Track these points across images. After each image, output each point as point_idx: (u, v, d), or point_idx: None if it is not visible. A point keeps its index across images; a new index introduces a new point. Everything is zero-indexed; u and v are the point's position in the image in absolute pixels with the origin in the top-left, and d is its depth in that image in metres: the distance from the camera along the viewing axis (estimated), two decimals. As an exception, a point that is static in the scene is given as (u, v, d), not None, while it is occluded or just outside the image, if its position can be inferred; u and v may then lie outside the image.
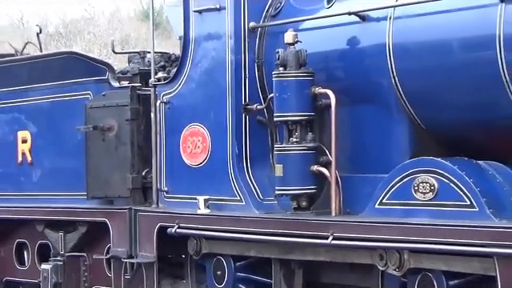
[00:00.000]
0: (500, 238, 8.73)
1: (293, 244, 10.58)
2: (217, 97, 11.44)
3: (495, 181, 9.28)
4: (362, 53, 10.41)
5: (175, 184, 11.88)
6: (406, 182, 9.64)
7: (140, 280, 12.08)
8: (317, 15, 10.92)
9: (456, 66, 9.58)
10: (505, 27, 9.12)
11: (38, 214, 13.68)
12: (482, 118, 9.60)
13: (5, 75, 14.45)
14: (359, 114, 10.43)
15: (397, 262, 9.61)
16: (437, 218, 9.30)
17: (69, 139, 13.03)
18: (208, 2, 11.53)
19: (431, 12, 9.76)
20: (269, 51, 11.09)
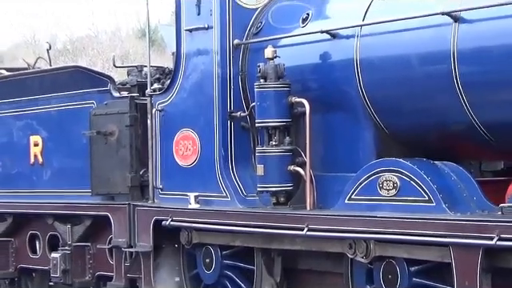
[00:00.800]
0: (454, 229, 8.81)
1: (273, 235, 10.61)
2: (205, 105, 11.45)
3: (450, 179, 9.32)
4: (333, 66, 10.44)
5: (169, 182, 11.89)
6: (372, 180, 9.69)
7: (138, 267, 12.10)
8: (293, 33, 10.95)
9: (415, 77, 9.64)
10: (458, 43, 9.19)
11: (49, 209, 13.67)
12: (438, 123, 9.66)
13: (19, 86, 14.45)
14: (331, 120, 10.46)
15: (364, 250, 9.66)
16: (399, 212, 9.36)
17: (75, 143, 13.03)
18: (197, 22, 11.55)
19: (393, 30, 9.82)
20: (251, 65, 11.10)
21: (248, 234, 10.94)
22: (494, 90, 9.07)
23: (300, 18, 11.01)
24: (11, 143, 14.37)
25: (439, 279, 9.21)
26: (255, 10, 11.51)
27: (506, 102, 9.03)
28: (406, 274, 9.46)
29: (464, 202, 9.15)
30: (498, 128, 9.27)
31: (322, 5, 10.95)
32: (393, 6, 10.01)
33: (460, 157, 9.66)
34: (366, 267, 9.88)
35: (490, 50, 9.00)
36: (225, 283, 11.52)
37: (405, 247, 9.38)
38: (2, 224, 14.64)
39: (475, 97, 9.19)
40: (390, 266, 9.61)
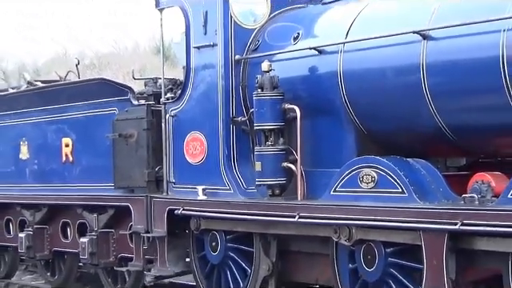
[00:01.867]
0: (424, 216, 8.83)
1: (269, 222, 10.59)
2: (211, 111, 11.43)
3: (420, 173, 9.31)
4: (320, 78, 10.43)
5: (180, 177, 11.87)
6: (354, 174, 9.68)
7: (154, 249, 12.08)
8: (286, 50, 10.93)
9: (390, 87, 9.64)
10: (426, 58, 9.21)
11: (78, 201, 13.65)
12: (410, 126, 9.66)
13: (52, 96, 14.44)
14: (318, 123, 10.45)
15: (347, 235, 9.65)
16: (377, 202, 9.35)
17: (100, 144, 13.01)
18: (204, 40, 11.54)
19: (371, 47, 9.81)
20: (250, 77, 11.09)
21: (248, 221, 10.92)
22: (457, 97, 9.08)
23: (292, 37, 10.99)
24: (46, 145, 14.35)
25: (411, 259, 9.21)
26: (253, 29, 11.49)
27: (467, 107, 9.06)
28: (383, 255, 9.48)
29: (432, 193, 9.15)
30: (461, 129, 9.28)
31: (310, 25, 10.94)
32: (371, 26, 9.99)
33: (428, 154, 9.65)
34: (349, 249, 9.87)
35: (454, 64, 9.01)
36: (228, 263, 11.51)
37: (382, 232, 9.39)
38: (39, 213, 14.62)
39: (441, 103, 9.20)
40: (370, 248, 9.62)
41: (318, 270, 10.64)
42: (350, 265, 9.96)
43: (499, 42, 8.51)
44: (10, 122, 15.28)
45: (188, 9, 11.81)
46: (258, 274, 11.09)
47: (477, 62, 8.76)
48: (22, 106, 15.08)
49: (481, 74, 8.71)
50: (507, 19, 8.43)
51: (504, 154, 9.70)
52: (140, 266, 12.51)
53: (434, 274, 8.79)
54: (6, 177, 15.36)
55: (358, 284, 9.92)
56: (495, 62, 8.53)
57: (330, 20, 10.82)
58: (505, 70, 8.46)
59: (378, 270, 9.57)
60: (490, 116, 8.89)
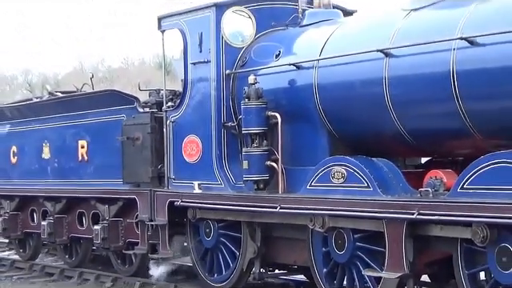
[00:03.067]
0: (386, 207, 8.86)
1: (255, 212, 10.58)
2: (205, 118, 11.39)
3: (383, 170, 9.30)
4: (298, 89, 10.41)
5: (179, 174, 11.83)
6: (326, 171, 9.66)
7: (157, 235, 12.03)
8: (269, 65, 10.90)
9: (357, 97, 9.65)
10: (388, 72, 9.22)
11: (92, 194, 13.61)
12: (374, 130, 9.65)
13: (70, 105, 14.41)
14: (296, 128, 10.42)
15: (321, 223, 9.64)
16: (346, 195, 9.35)
17: (111, 145, 12.96)
18: (199, 57, 11.51)
19: (342, 63, 9.84)
20: (238, 89, 11.05)
21: (237, 212, 10.88)
22: (414, 106, 9.10)
23: (274, 55, 10.97)
24: (64, 146, 14.31)
25: (376, 243, 9.22)
26: (241, 48, 11.46)
27: (422, 114, 9.08)
28: (352, 240, 9.49)
29: (393, 188, 9.14)
30: (417, 133, 9.29)
31: (290, 45, 10.92)
32: (341, 45, 9.99)
33: (390, 154, 9.63)
34: (322, 235, 9.86)
35: (411, 77, 9.03)
36: (220, 247, 11.49)
37: (350, 220, 9.40)
38: (59, 205, 14.57)
39: (401, 111, 9.20)
40: (340, 234, 9.62)
41: (296, 253, 10.61)
42: (323, 248, 9.94)
43: (449, 58, 8.54)
44: (34, 126, 15.23)
45: (186, 30, 11.78)
46: (245, 256, 11.07)
47: (430, 75, 8.78)
48: (44, 113, 15.03)
49: (434, 86, 8.73)
50: (456, 40, 8.48)
51: (454, 154, 9.71)
52: (145, 250, 12.46)
53: (394, 257, 8.81)
54: (30, 173, 15.31)
55: (329, 265, 9.92)
56: (446, 76, 8.55)
57: (306, 40, 10.81)
58: (454, 83, 8.48)
59: (347, 252, 9.57)
60: (442, 122, 8.89)
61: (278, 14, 11.63)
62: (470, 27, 8.46)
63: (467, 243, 8.27)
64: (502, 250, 7.92)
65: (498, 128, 8.30)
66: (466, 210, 8.00)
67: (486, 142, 8.50)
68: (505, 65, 8.02)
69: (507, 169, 7.70)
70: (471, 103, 8.46)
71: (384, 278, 9.01)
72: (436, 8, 9.24)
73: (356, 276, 9.58)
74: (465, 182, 8.14)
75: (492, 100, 8.26)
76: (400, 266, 8.76)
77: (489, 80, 8.21)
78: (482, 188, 7.94)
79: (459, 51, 8.47)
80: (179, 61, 12.44)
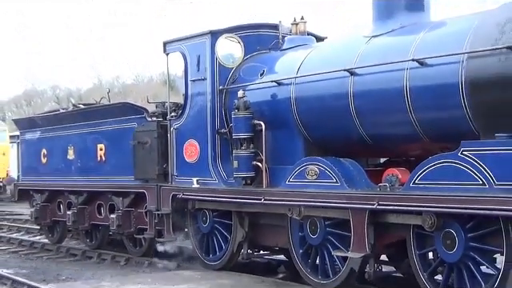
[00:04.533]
0: (351, 199, 8.89)
1: (243, 203, 10.61)
2: (202, 125, 11.38)
3: (349, 169, 9.31)
4: (278, 101, 10.41)
5: (180, 171, 11.79)
6: (302, 169, 9.68)
7: (162, 222, 11.99)
8: (255, 82, 10.90)
9: (327, 107, 9.65)
10: (353, 88, 9.25)
11: (109, 188, 13.57)
12: (342, 135, 9.66)
13: (90, 115, 14.38)
14: (277, 134, 10.41)
15: (298, 212, 9.66)
16: (318, 189, 9.37)
17: (124, 148, 12.92)
18: (197, 75, 11.49)
19: (315, 80, 9.86)
20: (230, 101, 11.01)
21: (228, 203, 10.90)
22: (374, 115, 9.12)
23: (259, 73, 10.97)
24: (86, 149, 14.26)
25: (343, 229, 9.22)
26: (232, 68, 11.43)
27: (381, 122, 9.09)
28: (323, 226, 9.52)
29: (357, 183, 9.17)
30: (377, 138, 9.30)
31: (272, 65, 10.91)
32: (315, 65, 9.99)
33: (355, 155, 9.63)
34: (299, 222, 9.87)
35: (372, 92, 9.05)
36: (214, 232, 11.48)
37: (322, 210, 9.43)
38: (81, 197, 14.53)
39: (363, 119, 9.23)
40: (313, 221, 9.64)
41: (277, 237, 10.58)
42: (300, 233, 9.96)
43: (403, 76, 8.58)
44: (61, 133, 15.18)
45: (186, 53, 11.76)
46: (235, 239, 11.07)
47: (388, 90, 8.81)
48: (69, 122, 14.99)
49: (390, 98, 8.76)
50: (408, 61, 8.51)
51: (407, 155, 9.71)
52: (152, 234, 12.42)
53: (358, 240, 8.84)
54: (58, 171, 15.26)
55: (305, 247, 9.94)
56: (400, 91, 8.59)
57: (285, 61, 10.80)
58: (407, 96, 8.53)
59: (319, 237, 9.59)
60: (397, 128, 8.92)
61: (263, 40, 11.63)
62: (420, 51, 8.51)
63: (418, 229, 8.31)
64: (447, 234, 7.97)
65: (443, 133, 8.34)
66: (417, 202, 8.04)
67: (433, 145, 8.53)
68: (446, 82, 8.09)
69: (450, 167, 7.74)
70: (421, 113, 8.49)
71: (350, 257, 9.04)
72: (392, 35, 9.27)
73: (327, 256, 9.60)
74: (416, 178, 8.16)
75: (437, 110, 8.29)
76: (363, 247, 8.79)
77: (434, 94, 8.25)
78: (430, 183, 7.97)
79: (411, 70, 8.52)
80: (181, 78, 12.43)
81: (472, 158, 7.54)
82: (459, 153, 7.67)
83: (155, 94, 19.21)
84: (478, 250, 7.78)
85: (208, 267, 11.57)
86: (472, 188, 7.51)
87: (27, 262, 14.53)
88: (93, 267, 13.24)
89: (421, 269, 8.41)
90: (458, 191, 7.62)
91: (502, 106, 7.54)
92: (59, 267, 13.42)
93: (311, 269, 9.90)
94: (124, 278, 11.19)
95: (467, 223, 7.78)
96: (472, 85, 7.80)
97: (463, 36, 8.04)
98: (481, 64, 7.73)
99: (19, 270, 12.97)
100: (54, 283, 11.07)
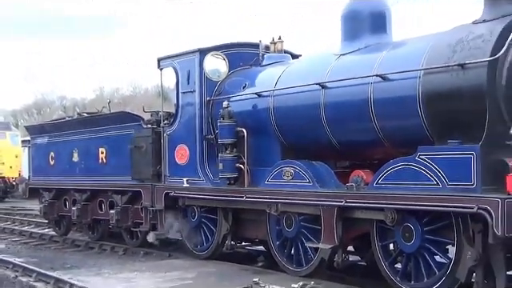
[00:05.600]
0: (322, 197, 8.88)
1: (227, 200, 10.57)
2: (191, 132, 11.31)
3: (320, 170, 9.31)
4: (259, 111, 10.36)
5: (172, 172, 11.71)
6: (279, 171, 9.66)
7: (156, 217, 11.92)
8: (238, 94, 10.84)
9: (301, 116, 9.62)
10: (324, 99, 9.25)
11: (109, 187, 13.47)
12: (314, 140, 9.62)
13: (93, 122, 14.30)
14: (258, 139, 10.35)
15: (275, 208, 9.65)
16: (293, 188, 9.36)
17: (123, 151, 12.83)
18: (187, 88, 11.43)
19: (291, 92, 9.85)
20: (216, 111, 10.94)
21: (214, 200, 10.86)
22: (342, 123, 9.11)
23: (241, 86, 10.92)
24: (89, 152, 14.15)
25: (315, 223, 9.21)
26: (218, 81, 11.36)
27: (348, 129, 9.08)
28: (297, 221, 9.51)
29: (327, 183, 9.16)
30: (345, 143, 9.29)
31: (253, 79, 10.87)
32: (291, 79, 9.97)
33: (325, 158, 9.59)
34: (276, 217, 9.85)
35: (340, 103, 9.05)
36: (202, 226, 11.43)
37: (297, 207, 9.40)
38: (84, 195, 14.40)
39: (333, 127, 9.22)
40: (289, 216, 9.63)
41: (257, 230, 10.53)
42: (277, 227, 9.93)
43: (368, 89, 8.58)
44: (67, 138, 15.08)
45: (177, 69, 11.71)
46: (220, 232, 11.02)
47: (354, 101, 8.80)
48: (74, 128, 14.90)
49: (356, 109, 8.75)
50: (373, 76, 8.51)
51: (371, 158, 9.68)
52: (147, 228, 12.35)
53: (328, 233, 8.82)
54: (64, 172, 15.14)
55: (281, 239, 9.92)
56: (365, 102, 8.59)
57: (265, 76, 10.75)
58: (371, 107, 8.54)
59: (294, 230, 9.58)
60: (362, 135, 8.90)
61: (245, 57, 11.59)
62: (382, 67, 8.52)
63: (380, 223, 8.31)
64: (405, 228, 7.98)
65: (402, 139, 8.34)
66: (380, 199, 8.04)
67: (394, 150, 8.52)
68: (405, 94, 8.10)
69: (408, 169, 7.76)
70: (383, 121, 8.49)
71: (321, 248, 9.02)
72: (358, 53, 9.27)
73: (300, 247, 9.58)
74: (379, 179, 8.16)
75: (398, 119, 8.30)
76: (332, 239, 8.78)
77: (395, 105, 8.27)
78: (391, 183, 7.98)
79: (375, 84, 8.52)
80: (173, 90, 12.39)
81: (427, 162, 7.56)
82: (416, 157, 7.68)
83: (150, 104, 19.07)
84: (432, 241, 7.80)
85: (196, 257, 11.49)
86: (427, 187, 7.52)
87: (37, 251, 14.50)
88: (94, 257, 13.15)
89: (383, 258, 8.41)
90: (415, 190, 7.63)
91: (453, 115, 7.57)
92: (65, 256, 13.35)
93: (287, 258, 9.86)
94: (122, 267, 11.12)
95: (423, 218, 7.80)
96: (427, 97, 7.82)
97: (420, 54, 8.06)
98: (435, 79, 7.75)
99: (30, 259, 12.90)
100: (61, 271, 10.98)
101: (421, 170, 7.61)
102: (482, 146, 7.11)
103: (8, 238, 17.27)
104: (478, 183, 7.07)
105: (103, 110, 15.50)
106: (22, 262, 12.16)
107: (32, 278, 10.60)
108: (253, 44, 11.75)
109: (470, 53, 7.43)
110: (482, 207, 6.80)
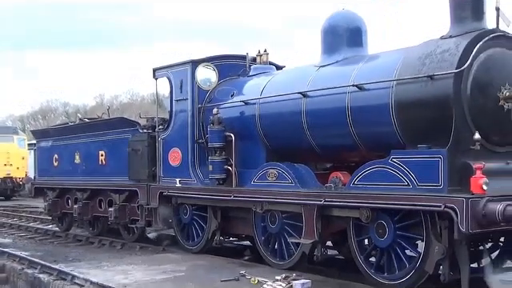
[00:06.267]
0: (303, 196, 8.88)
1: (216, 199, 10.52)
2: (184, 136, 11.27)
3: (302, 172, 9.30)
4: (246, 117, 10.32)
5: (166, 173, 11.65)
6: (264, 172, 9.64)
7: (151, 214, 11.87)
8: (227, 102, 10.81)
9: (285, 122, 9.60)
10: (305, 107, 9.24)
11: (108, 186, 13.39)
12: (295, 145, 9.60)
13: (94, 127, 14.23)
14: (244, 143, 10.30)
15: (260, 206, 9.64)
16: (277, 188, 9.32)
17: (121, 154, 12.76)
18: (180, 96, 11.39)
19: (275, 100, 9.84)
20: (206, 117, 10.90)
21: (204, 199, 10.81)
22: (322, 129, 9.09)
23: (230, 95, 10.90)
24: (90, 154, 14.05)
25: (297, 220, 9.18)
26: (209, 90, 11.33)
27: (327, 134, 9.07)
28: (281, 218, 9.50)
29: (308, 183, 9.15)
30: (324, 147, 9.29)
31: (241, 88, 10.85)
32: (275, 88, 9.96)
33: (306, 161, 9.58)
34: (261, 215, 9.83)
35: (320, 110, 9.04)
36: (193, 222, 11.38)
37: (280, 205, 9.39)
38: (85, 194, 14.31)
39: (313, 132, 9.21)
40: (273, 214, 9.62)
41: (244, 226, 10.50)
42: (262, 223, 9.91)
43: (345, 98, 8.59)
44: (70, 141, 14.98)
45: (171, 78, 11.65)
46: (210, 228, 10.98)
47: (333, 109, 8.80)
48: (76, 132, 14.81)
49: (335, 116, 8.75)
50: (350, 86, 8.53)
51: (348, 161, 9.69)
52: (143, 224, 12.30)
53: (309, 229, 8.82)
54: (66, 173, 15.03)
55: (266, 234, 9.90)
56: (343, 110, 8.59)
57: (251, 85, 10.73)
58: (348, 114, 8.54)
59: (277, 226, 9.57)
60: (340, 140, 8.88)
61: (233, 68, 11.56)
62: (358, 78, 8.53)
63: (356, 220, 8.30)
64: (379, 225, 7.99)
65: (376, 144, 8.34)
66: (356, 199, 8.04)
67: (369, 153, 8.52)
68: (379, 103, 8.10)
69: (382, 171, 7.77)
70: (359, 127, 8.50)
71: (302, 243, 9.01)
72: (336, 65, 9.28)
73: (283, 242, 9.56)
74: (355, 180, 8.16)
75: (372, 126, 8.31)
76: (312, 235, 8.77)
77: (370, 112, 8.27)
78: (367, 184, 7.98)
79: (352, 93, 8.52)
80: (167, 98, 12.34)
81: (399, 164, 7.57)
82: (389, 160, 7.69)
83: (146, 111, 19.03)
84: (403, 237, 7.81)
85: (188, 251, 11.44)
86: (399, 188, 7.53)
87: (41, 246, 14.40)
88: (94, 250, 13.08)
89: (358, 252, 8.41)
90: (388, 190, 7.64)
91: (423, 122, 7.59)
92: (67, 250, 13.27)
93: (271, 252, 9.84)
94: (120, 260, 11.05)
95: (395, 216, 7.81)
96: (399, 106, 7.84)
97: (393, 66, 8.08)
98: (406, 89, 7.77)
99: (35, 253, 12.84)
100: (63, 263, 10.91)
101: (393, 171, 7.62)
102: (449, 150, 7.14)
103: (15, 233, 17.20)
104: (445, 184, 7.10)
105: (103, 116, 15.45)
106: (27, 255, 12.11)
107: (37, 270, 10.56)
108: (240, 56, 11.75)
109: (438, 65, 7.47)
110: (449, 206, 6.82)
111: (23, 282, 10.80)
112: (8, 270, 11.55)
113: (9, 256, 12.28)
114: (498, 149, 7.57)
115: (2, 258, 12.24)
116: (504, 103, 7.42)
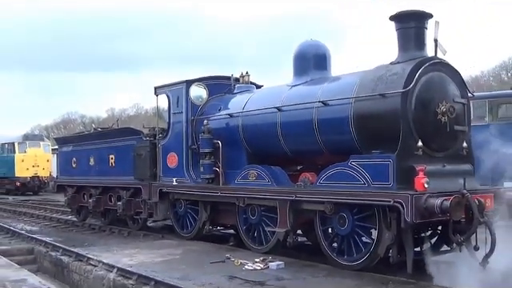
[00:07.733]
0: (278, 193, 8.78)
1: (206, 195, 10.38)
2: (180, 143, 11.14)
3: (277, 173, 9.21)
4: (231, 128, 10.17)
5: (165, 174, 11.53)
6: (246, 173, 9.54)
7: (152, 208, 11.76)
8: (215, 115, 10.66)
9: (263, 132, 9.46)
10: (280, 119, 9.16)
11: (117, 184, 13.22)
12: (272, 150, 9.48)
13: (105, 135, 14.06)
14: (230, 149, 10.15)
15: (243, 201, 9.52)
16: (257, 186, 9.24)
17: (128, 157, 12.62)
18: (177, 109, 11.27)
19: (255, 114, 9.72)
20: (198, 127, 10.79)
21: (196, 195, 10.67)
22: (293, 137, 9.01)
23: (217, 109, 10.75)
24: (101, 158, 13.88)
25: (273, 213, 9.07)
26: (200, 105, 11.21)
27: (297, 141, 8.98)
28: (260, 211, 9.38)
29: (283, 183, 9.08)
30: (295, 152, 9.21)
31: (227, 103, 10.71)
32: (255, 103, 9.86)
33: (281, 164, 9.48)
34: (244, 208, 9.69)
35: (292, 122, 8.96)
36: (187, 214, 11.22)
37: (259, 200, 9.26)
38: (98, 190, 14.15)
39: (286, 140, 9.12)
40: (253, 207, 9.50)
41: (229, 218, 10.35)
42: (244, 215, 9.77)
43: (313, 112, 8.54)
44: (86, 147, 14.79)
45: (169, 95, 11.52)
46: (201, 219, 10.83)
47: (303, 121, 8.72)
48: (91, 140, 14.65)
49: (304, 126, 8.68)
50: (316, 102, 8.48)
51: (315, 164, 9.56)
52: (146, 216, 12.17)
53: (282, 220, 8.74)
54: (83, 173, 14.83)
55: (247, 225, 9.76)
56: (311, 121, 8.54)
57: (235, 101, 10.60)
58: (315, 125, 8.49)
59: (257, 218, 9.45)
60: (309, 146, 8.79)
61: (221, 87, 11.42)
62: (323, 95, 8.48)
63: (322, 213, 8.22)
64: (340, 216, 7.93)
65: (339, 150, 8.27)
66: (322, 195, 7.98)
67: (332, 157, 8.44)
68: (341, 116, 8.06)
69: (343, 172, 7.73)
70: (324, 136, 8.44)
71: (277, 231, 8.92)
72: (306, 85, 9.21)
73: (261, 230, 9.44)
74: (321, 179, 8.11)
75: (335, 134, 8.25)
76: (285, 225, 8.69)
77: (333, 124, 8.22)
78: (330, 182, 7.93)
79: (318, 108, 8.46)
80: (166, 111, 12.21)
81: (357, 166, 7.54)
82: (349, 163, 7.66)
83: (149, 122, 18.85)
84: (360, 227, 7.76)
85: (182, 238, 11.27)
86: (357, 186, 7.49)
87: (62, 233, 14.31)
88: (106, 237, 12.93)
89: (323, 239, 8.33)
90: (348, 188, 7.59)
91: (376, 132, 7.57)
92: (83, 237, 13.16)
93: (251, 239, 9.71)
94: (126, 245, 10.90)
95: (354, 209, 7.75)
96: (357, 118, 7.81)
97: (352, 86, 8.05)
98: (363, 105, 7.74)
99: (57, 238, 12.78)
100: (80, 247, 10.79)
101: (352, 172, 7.58)
102: (397, 155, 7.14)
103: (41, 222, 17.12)
104: (394, 183, 7.09)
105: (113, 126, 15.32)
106: (51, 240, 12.03)
107: (59, 253, 10.49)
108: (226, 77, 11.63)
109: (388, 86, 7.48)
110: (397, 201, 6.80)
111: (48, 262, 10.80)
112: (36, 252, 11.57)
113: (36, 241, 12.26)
114: (436, 154, 7.58)
115: (31, 243, 12.24)
116: (441, 117, 7.48)
